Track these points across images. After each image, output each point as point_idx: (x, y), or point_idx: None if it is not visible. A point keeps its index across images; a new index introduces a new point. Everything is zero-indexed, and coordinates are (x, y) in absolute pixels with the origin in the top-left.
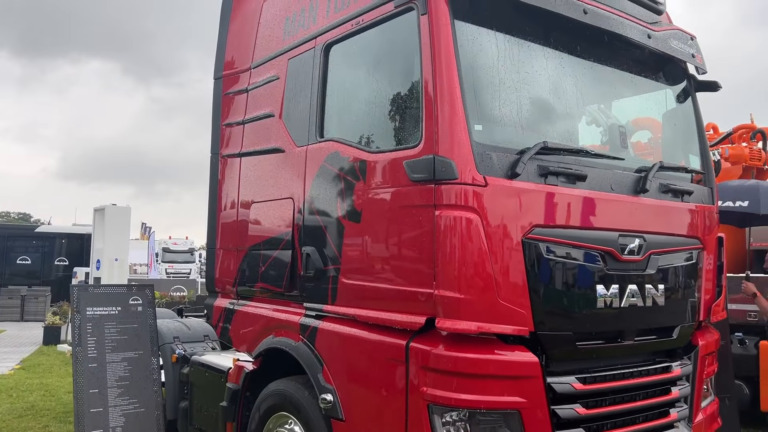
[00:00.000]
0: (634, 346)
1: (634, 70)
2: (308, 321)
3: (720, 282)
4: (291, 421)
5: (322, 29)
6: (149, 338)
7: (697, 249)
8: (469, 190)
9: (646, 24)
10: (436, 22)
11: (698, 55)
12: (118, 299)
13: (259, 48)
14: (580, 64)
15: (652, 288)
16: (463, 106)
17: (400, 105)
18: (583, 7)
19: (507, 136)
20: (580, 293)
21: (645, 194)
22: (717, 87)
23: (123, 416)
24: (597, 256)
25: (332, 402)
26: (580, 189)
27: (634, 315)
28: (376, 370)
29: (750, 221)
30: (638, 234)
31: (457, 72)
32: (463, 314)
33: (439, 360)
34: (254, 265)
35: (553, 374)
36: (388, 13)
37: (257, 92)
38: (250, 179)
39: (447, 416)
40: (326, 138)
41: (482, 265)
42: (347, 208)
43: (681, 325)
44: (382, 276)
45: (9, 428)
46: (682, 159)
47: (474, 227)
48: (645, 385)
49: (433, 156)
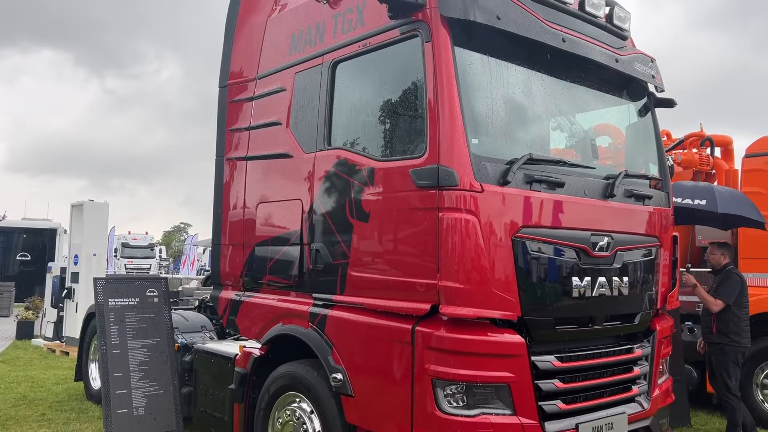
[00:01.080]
0: (603, 330)
1: (602, 88)
2: (317, 310)
3: (674, 275)
4: (299, 399)
5: (329, 48)
6: (165, 327)
7: (656, 246)
8: (468, 196)
9: (614, 49)
10: (438, 48)
11: (657, 76)
12: (137, 291)
13: (264, 60)
14: (559, 84)
15: (617, 280)
16: (462, 122)
17: (405, 119)
18: (561, 36)
19: (498, 148)
20: (558, 284)
21: (612, 198)
22: (673, 104)
23: (144, 397)
24: (573, 252)
25: (342, 380)
26: (559, 194)
27: (602, 303)
28: (383, 351)
29: (707, 220)
30: (607, 233)
31: (457, 92)
32: (463, 302)
33: (441, 341)
34: (262, 259)
35: (536, 353)
36: (394, 38)
37: (263, 101)
38: (256, 181)
39: (448, 389)
40: (334, 146)
41: (478, 259)
42: (355, 209)
43: (642, 313)
44: (389, 269)
45: (7, 416)
46: (643, 167)
47: (472, 227)
48: (611, 363)
49: (437, 166)
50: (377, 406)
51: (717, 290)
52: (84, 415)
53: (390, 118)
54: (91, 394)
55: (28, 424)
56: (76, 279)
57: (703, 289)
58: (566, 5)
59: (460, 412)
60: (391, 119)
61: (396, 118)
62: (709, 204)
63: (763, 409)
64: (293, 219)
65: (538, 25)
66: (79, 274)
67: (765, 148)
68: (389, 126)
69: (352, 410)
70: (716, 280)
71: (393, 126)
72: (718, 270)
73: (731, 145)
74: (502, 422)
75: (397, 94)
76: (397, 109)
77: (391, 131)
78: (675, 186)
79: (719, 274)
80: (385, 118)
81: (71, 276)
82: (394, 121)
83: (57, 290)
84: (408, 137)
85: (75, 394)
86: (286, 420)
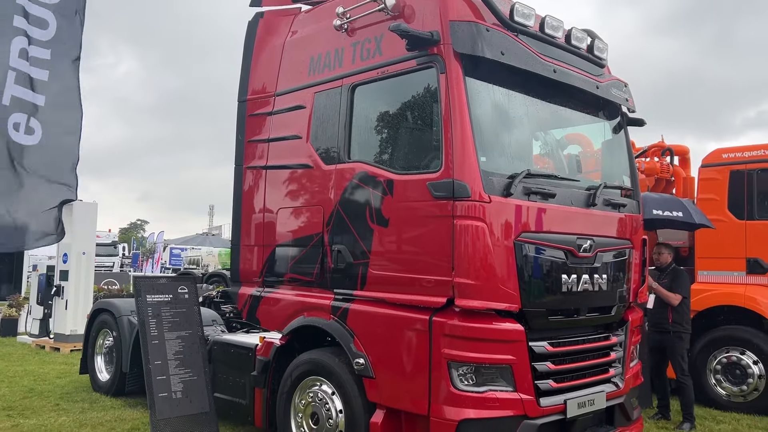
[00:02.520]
0: (586, 321)
1: (584, 109)
2: (339, 303)
3: (644, 272)
4: (320, 382)
5: (348, 72)
6: (195, 320)
7: (629, 248)
8: (478, 206)
9: (594, 77)
10: (452, 79)
11: (630, 99)
12: (170, 288)
13: (282, 79)
14: (549, 107)
15: (598, 277)
16: (473, 142)
17: (422, 138)
18: (553, 67)
19: (502, 164)
20: (551, 280)
21: (594, 207)
22: (642, 123)
23: (181, 383)
24: (562, 254)
25: (364, 364)
26: (551, 203)
27: (586, 297)
28: (403, 338)
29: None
30: (589, 237)
31: (468, 117)
32: (474, 295)
33: (454, 329)
34: (283, 258)
35: (533, 340)
36: (411, 68)
37: (282, 116)
38: (276, 188)
39: (461, 369)
40: (353, 160)
41: (487, 259)
42: (376, 215)
43: (617, 305)
44: (407, 268)
45: (22, 407)
46: (617, 179)
47: (481, 232)
48: (592, 349)
49: (453, 180)
50: (397, 385)
51: (672, 286)
52: (97, 404)
53: (407, 136)
54: (99, 385)
55: (46, 413)
56: (65, 277)
57: (660, 286)
58: (555, 39)
59: (470, 389)
60: (408, 138)
61: (412, 137)
62: (685, 216)
63: (715, 391)
64: (315, 223)
65: (534, 59)
66: (68, 272)
67: (718, 159)
68: (407, 143)
69: (373, 390)
70: (664, 277)
71: (410, 144)
72: (664, 268)
73: (688, 154)
74: (506, 397)
75: (413, 116)
76: (414, 129)
77: (408, 148)
78: (659, 199)
79: (665, 271)
80: (403, 137)
81: (60, 274)
82: (410, 140)
83: (43, 288)
84: (424, 154)
85: (81, 386)
86: (308, 401)
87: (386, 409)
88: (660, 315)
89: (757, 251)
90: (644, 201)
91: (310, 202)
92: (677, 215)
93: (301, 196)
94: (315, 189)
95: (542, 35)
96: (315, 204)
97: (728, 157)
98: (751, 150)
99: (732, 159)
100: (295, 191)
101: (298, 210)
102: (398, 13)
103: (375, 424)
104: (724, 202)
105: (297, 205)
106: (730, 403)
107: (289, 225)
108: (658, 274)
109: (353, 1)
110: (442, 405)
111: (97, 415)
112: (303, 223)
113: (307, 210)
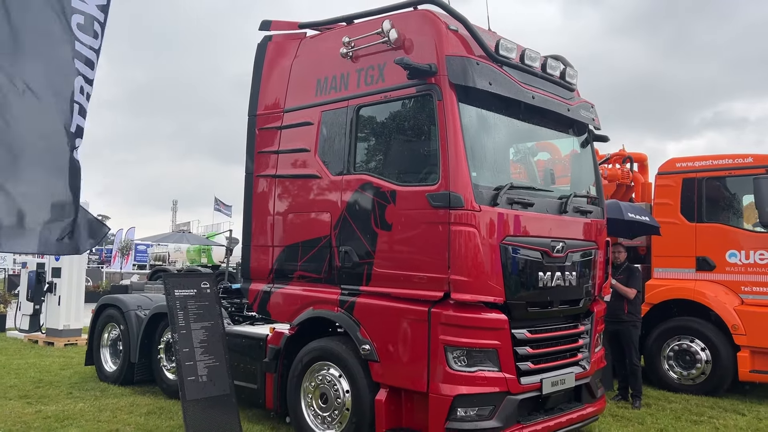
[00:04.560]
0: (558, 312)
1: (557, 128)
2: (346, 297)
3: (607, 270)
4: (328, 366)
5: (354, 95)
6: (216, 312)
7: (594, 248)
8: (471, 214)
9: (565, 101)
10: (448, 105)
11: (596, 119)
12: (194, 283)
13: (290, 97)
14: (528, 127)
15: (569, 274)
16: (466, 159)
17: (421, 155)
18: (532, 94)
19: (489, 178)
20: (529, 277)
21: (565, 213)
22: (606, 139)
23: (206, 368)
24: (539, 254)
25: (370, 350)
26: (530, 212)
27: (558, 291)
28: (405, 327)
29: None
30: (562, 239)
31: (462, 138)
32: (467, 290)
33: (450, 318)
34: (292, 258)
35: (515, 327)
36: (411, 94)
37: (291, 131)
38: (285, 194)
39: (455, 353)
40: (359, 172)
41: (477, 259)
42: (380, 221)
43: (584, 298)
44: (409, 266)
45: (36, 394)
46: (584, 188)
47: (473, 236)
48: (563, 336)
49: (449, 192)
50: (399, 367)
51: (629, 282)
52: (108, 392)
53: (407, 153)
54: (105, 375)
55: (62, 400)
56: (57, 274)
57: (617, 282)
58: (533, 68)
59: (463, 369)
60: (408, 154)
61: (412, 154)
62: (651, 221)
63: (668, 375)
64: (323, 226)
65: (516, 87)
66: (61, 269)
67: (673, 168)
68: (407, 159)
69: (377, 372)
70: (620, 273)
71: (410, 159)
72: (619, 265)
73: (646, 161)
74: (492, 376)
75: (413, 135)
76: (413, 146)
77: (409, 163)
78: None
79: (620, 268)
80: (403, 153)
81: (52, 271)
82: (411, 156)
83: (33, 284)
84: (423, 169)
85: (87, 376)
86: (317, 384)
87: (389, 388)
88: (616, 307)
89: (705, 250)
90: (620, 206)
91: (318, 207)
92: (645, 219)
93: (310, 202)
94: (322, 196)
95: (522, 65)
96: (323, 209)
97: (681, 167)
98: (701, 160)
99: (684, 168)
100: (304, 198)
101: (307, 214)
102: (399, 45)
103: (379, 401)
104: (678, 206)
105: (305, 210)
106: (681, 386)
107: (298, 228)
108: (615, 271)
109: (357, 31)
110: (440, 383)
111: (112, 402)
112: (311, 226)
113: (315, 215)
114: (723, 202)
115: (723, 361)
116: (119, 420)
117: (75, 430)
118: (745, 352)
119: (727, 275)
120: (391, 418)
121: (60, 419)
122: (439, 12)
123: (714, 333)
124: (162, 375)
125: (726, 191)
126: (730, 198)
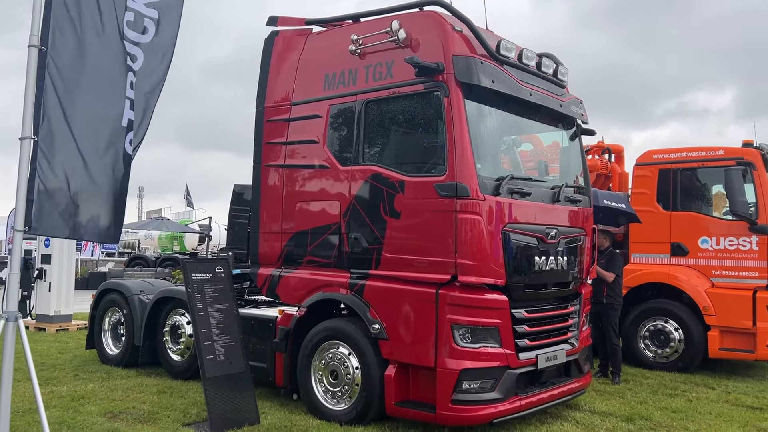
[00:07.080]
0: (551, 293)
1: (549, 122)
2: (355, 281)
3: (593, 255)
4: (338, 345)
5: (362, 90)
6: (230, 295)
7: (583, 235)
8: (476, 203)
9: (558, 97)
10: (454, 102)
11: (584, 114)
12: (209, 268)
13: (297, 91)
14: (524, 121)
15: (561, 258)
16: (471, 152)
17: (428, 147)
18: (529, 91)
19: (492, 169)
20: (527, 261)
21: (558, 203)
22: (593, 133)
23: (222, 347)
24: (535, 240)
25: (379, 329)
26: (528, 201)
27: (552, 274)
28: (413, 307)
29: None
30: (555, 226)
31: (468, 132)
32: (472, 273)
33: (455, 299)
34: (302, 244)
35: (514, 307)
36: (419, 91)
37: (299, 123)
38: (294, 184)
39: (460, 330)
40: (367, 163)
41: (481, 245)
42: (389, 209)
43: (574, 281)
44: (417, 251)
45: (45, 377)
46: (573, 178)
47: (478, 224)
48: (556, 316)
49: (456, 183)
50: (408, 345)
51: (608, 266)
52: (114, 374)
53: (415, 145)
54: (108, 358)
55: (70, 381)
56: (48, 260)
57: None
58: (529, 67)
59: (468, 345)
60: (416, 147)
61: (420, 146)
62: (627, 208)
63: (644, 354)
64: (332, 214)
65: (515, 85)
66: (51, 256)
67: (650, 159)
68: (415, 151)
69: (386, 349)
70: (602, 258)
71: (418, 151)
72: (603, 251)
73: (623, 153)
74: (494, 352)
75: (421, 129)
76: (421, 139)
77: (417, 155)
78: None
79: (604, 254)
80: (411, 146)
81: (42, 258)
82: (419, 148)
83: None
84: (431, 161)
85: (89, 359)
86: (327, 361)
87: (397, 364)
88: (596, 289)
89: (679, 237)
90: (596, 194)
91: (327, 196)
92: (621, 206)
93: (319, 191)
94: (332, 186)
95: (520, 64)
96: (332, 198)
97: (657, 158)
98: (676, 152)
99: (661, 159)
100: (313, 187)
101: (316, 203)
102: (407, 44)
103: (389, 376)
104: (654, 195)
105: (314, 199)
106: (656, 364)
107: (307, 215)
108: (599, 256)
109: (365, 30)
110: (446, 358)
111: (120, 383)
112: (321, 214)
113: (324, 203)
114: (696, 192)
115: (695, 340)
116: (133, 398)
117: (93, 407)
118: (715, 332)
119: (700, 260)
120: (399, 391)
121: (75, 398)
122: (444, 13)
123: (686, 314)
124: (167, 357)
125: (699, 182)
126: (702, 188)
